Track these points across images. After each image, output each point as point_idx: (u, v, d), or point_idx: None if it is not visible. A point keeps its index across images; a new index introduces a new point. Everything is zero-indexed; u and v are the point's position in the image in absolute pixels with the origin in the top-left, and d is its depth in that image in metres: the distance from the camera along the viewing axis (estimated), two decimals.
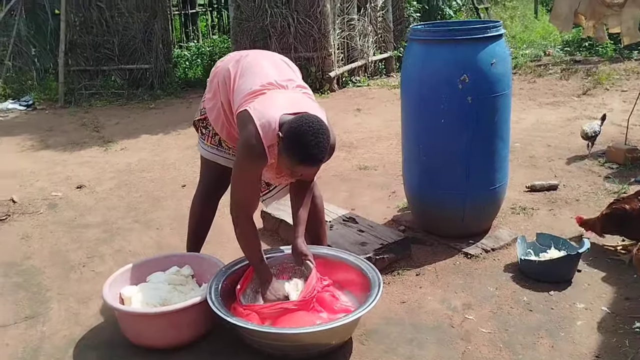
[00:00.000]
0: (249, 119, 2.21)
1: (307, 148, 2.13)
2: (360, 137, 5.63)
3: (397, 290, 2.77)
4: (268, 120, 2.18)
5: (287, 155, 2.18)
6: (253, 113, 2.21)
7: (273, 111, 2.21)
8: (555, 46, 10.16)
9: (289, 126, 2.15)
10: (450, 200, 3.11)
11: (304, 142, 2.12)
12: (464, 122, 2.96)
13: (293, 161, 2.18)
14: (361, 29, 8.55)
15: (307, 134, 2.12)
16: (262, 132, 2.17)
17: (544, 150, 4.83)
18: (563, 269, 2.75)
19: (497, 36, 2.96)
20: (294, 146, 2.14)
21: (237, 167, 2.30)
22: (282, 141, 2.16)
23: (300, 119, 2.16)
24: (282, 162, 2.25)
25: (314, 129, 2.13)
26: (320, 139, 2.14)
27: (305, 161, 2.17)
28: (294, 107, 2.25)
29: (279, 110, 2.22)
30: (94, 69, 8.46)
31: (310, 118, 2.17)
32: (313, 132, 2.12)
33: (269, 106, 2.23)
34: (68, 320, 2.66)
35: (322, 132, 2.15)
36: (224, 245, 3.26)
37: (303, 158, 2.16)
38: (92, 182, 4.67)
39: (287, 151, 2.17)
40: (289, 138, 2.14)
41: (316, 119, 2.18)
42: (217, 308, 2.22)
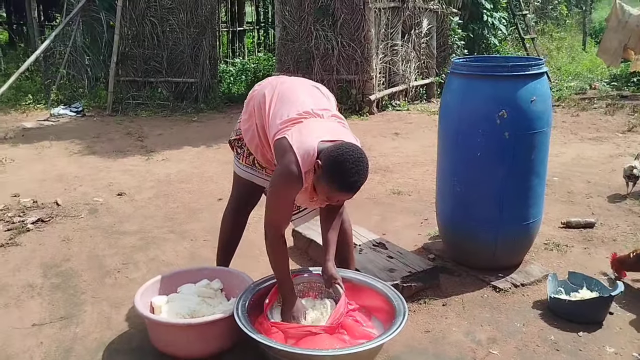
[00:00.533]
0: (289, 146, 2.27)
1: (347, 176, 2.18)
2: (396, 161, 5.65)
3: (422, 319, 2.77)
4: (306, 149, 2.25)
5: (326, 183, 2.23)
6: (292, 141, 2.28)
7: (311, 139, 2.27)
8: (602, 80, 9.98)
9: (329, 154, 2.21)
10: (483, 232, 3.10)
11: (344, 170, 2.17)
12: (500, 157, 2.96)
13: (332, 188, 2.23)
14: (404, 54, 8.61)
15: (348, 162, 2.17)
16: (301, 159, 2.23)
17: (583, 186, 4.74)
18: (594, 310, 2.70)
19: (539, 74, 2.96)
20: (334, 174, 2.19)
21: (274, 191, 2.36)
22: (321, 169, 2.22)
23: (340, 147, 2.22)
24: (319, 188, 2.30)
25: (354, 157, 2.19)
26: (360, 168, 2.20)
27: (345, 189, 2.23)
28: (331, 135, 2.31)
29: (317, 137, 2.28)
30: (142, 80, 8.78)
31: (350, 146, 2.22)
32: (354, 160, 2.18)
33: (307, 134, 2.30)
34: (100, 324, 2.76)
35: (361, 160, 2.21)
36: (256, 259, 3.32)
37: (342, 186, 2.21)
38: (132, 190, 4.83)
39: (327, 178, 2.22)
40: (329, 166, 2.20)
41: (356, 147, 2.24)
42: (243, 324, 2.27)
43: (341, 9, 7.78)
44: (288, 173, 2.26)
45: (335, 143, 2.26)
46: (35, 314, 2.85)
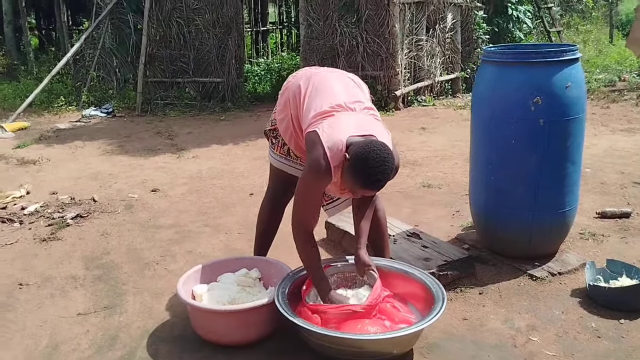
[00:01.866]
0: (318, 140, 2.31)
1: (371, 174, 2.21)
2: (424, 155, 5.64)
3: (459, 307, 2.78)
4: (335, 143, 2.28)
5: (351, 178, 2.27)
6: (322, 135, 2.31)
7: (341, 133, 2.30)
8: (631, 72, 9.80)
9: (356, 150, 2.23)
10: (517, 221, 3.09)
11: (369, 168, 2.20)
12: (535, 144, 2.95)
13: (356, 184, 2.27)
14: (429, 50, 8.59)
15: (373, 160, 2.19)
16: (330, 153, 2.26)
17: (617, 177, 4.68)
18: (635, 297, 2.67)
19: (573, 60, 2.94)
20: (359, 171, 2.22)
21: (302, 185, 2.41)
22: (347, 162, 2.25)
23: (367, 145, 2.23)
24: (345, 181, 2.34)
25: (380, 156, 2.20)
26: (385, 167, 2.22)
27: (369, 186, 2.26)
28: (361, 130, 2.34)
29: (347, 132, 2.31)
30: (169, 81, 8.92)
31: (378, 145, 2.24)
32: (379, 160, 2.20)
33: (337, 128, 2.33)
34: (142, 313, 2.83)
35: (387, 159, 2.22)
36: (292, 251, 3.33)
37: (366, 183, 2.24)
38: (166, 187, 4.92)
39: (351, 174, 2.25)
40: (355, 162, 2.22)
41: (383, 146, 2.25)
42: (284, 310, 2.31)
43: (366, 4, 7.79)
44: (317, 167, 2.29)
45: (365, 139, 2.28)
46: (80, 303, 2.93)
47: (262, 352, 2.45)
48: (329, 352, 2.30)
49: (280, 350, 2.47)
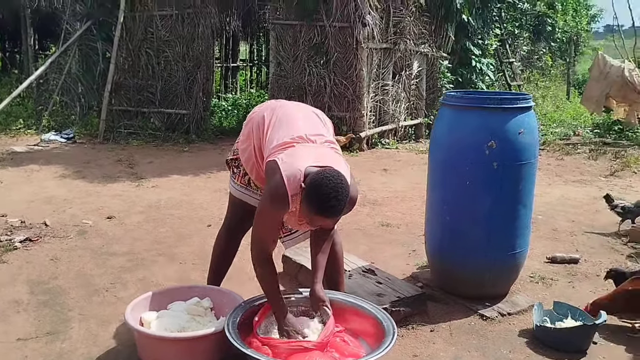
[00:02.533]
0: (277, 168, 2.34)
1: (325, 201, 2.24)
2: (385, 195, 5.73)
3: (410, 344, 2.79)
4: (293, 172, 2.31)
5: (306, 205, 2.29)
6: (281, 164, 2.34)
7: (299, 163, 2.34)
8: (585, 127, 10.27)
9: (311, 178, 2.28)
10: (470, 261, 3.15)
11: (323, 194, 2.23)
12: (489, 186, 3.05)
13: (311, 211, 2.29)
14: (394, 95, 8.83)
15: (327, 186, 2.23)
16: (287, 182, 2.30)
17: (567, 224, 4.84)
18: (578, 338, 2.75)
19: (527, 107, 3.08)
20: (313, 197, 2.25)
21: (260, 211, 2.43)
22: (303, 191, 2.28)
23: (322, 172, 2.28)
24: (302, 211, 2.36)
25: (334, 183, 2.24)
26: (339, 193, 2.25)
27: (322, 213, 2.28)
28: (320, 161, 2.38)
29: (305, 162, 2.35)
30: (134, 110, 8.86)
31: (332, 173, 2.29)
32: (333, 186, 2.24)
33: (296, 159, 2.37)
34: (87, 340, 2.73)
35: (341, 186, 2.26)
36: (244, 284, 3.32)
37: (320, 209, 2.27)
38: (122, 214, 4.83)
39: (307, 201, 2.28)
40: (309, 189, 2.26)
41: (337, 173, 2.30)
42: (234, 339, 2.28)
43: (335, 47, 7.99)
44: (274, 194, 2.32)
45: (320, 168, 2.33)
46: (20, 328, 2.82)
47: None
48: None
49: None
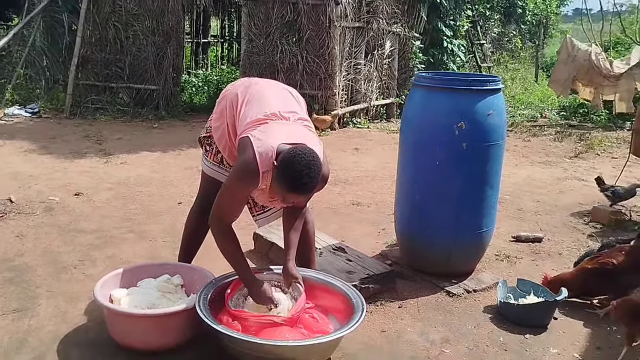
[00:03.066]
0: (249, 144, 2.34)
1: (297, 178, 2.25)
2: (355, 175, 5.77)
3: (379, 320, 2.85)
4: (266, 149, 2.31)
5: (278, 182, 2.30)
6: (253, 140, 2.34)
7: (272, 140, 2.34)
8: (552, 110, 10.47)
9: (283, 155, 2.28)
10: (439, 240, 3.22)
11: (295, 171, 2.24)
12: (458, 166, 3.10)
13: (284, 188, 2.30)
14: (366, 74, 8.82)
15: (299, 163, 2.24)
16: (259, 158, 2.30)
17: (532, 204, 4.97)
18: (540, 314, 2.85)
19: (496, 89, 3.14)
20: (286, 175, 2.26)
21: (228, 184, 2.42)
22: (275, 169, 2.29)
23: (294, 149, 2.29)
24: (274, 189, 2.37)
25: (306, 160, 2.26)
26: (311, 170, 2.26)
27: (295, 190, 2.29)
28: (292, 138, 2.38)
29: (278, 139, 2.35)
30: (102, 85, 8.64)
31: (304, 150, 2.29)
32: (305, 163, 2.25)
33: (268, 135, 2.37)
34: (55, 317, 2.71)
35: (313, 163, 2.27)
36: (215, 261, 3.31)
37: (293, 187, 2.28)
38: (90, 191, 4.75)
39: (279, 178, 2.29)
40: (281, 167, 2.27)
41: (310, 151, 2.31)
42: (204, 315, 2.29)
43: (307, 25, 7.92)
44: (245, 169, 2.32)
45: (293, 146, 2.33)
46: None
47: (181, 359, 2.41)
48: (248, 358, 2.30)
49: (199, 356, 2.44)
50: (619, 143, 7.77)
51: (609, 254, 3.05)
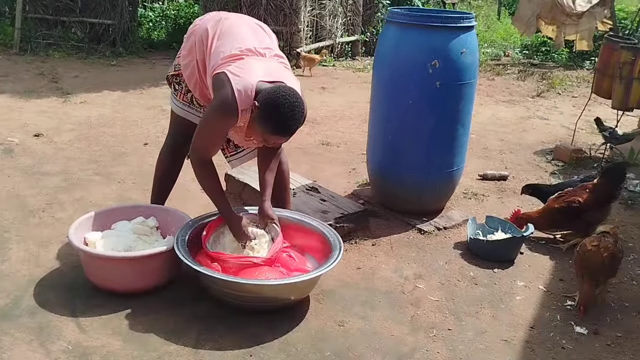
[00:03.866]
0: (226, 80, 2.26)
1: (282, 120, 2.21)
2: (323, 114, 5.73)
3: (354, 258, 2.92)
4: (245, 86, 2.24)
5: (261, 124, 2.25)
6: (231, 76, 2.26)
7: (250, 77, 2.27)
8: (514, 48, 10.53)
9: (265, 96, 2.21)
10: (410, 178, 3.27)
11: (279, 113, 2.19)
12: (431, 105, 3.11)
13: (267, 130, 2.26)
14: (331, 9, 8.61)
15: (284, 105, 2.19)
16: (238, 95, 2.23)
17: (498, 143, 5.08)
18: (507, 249, 2.97)
19: (470, 27, 3.11)
20: (270, 117, 2.21)
21: (206, 120, 2.35)
22: (257, 110, 2.23)
23: (277, 90, 2.22)
24: (254, 129, 2.32)
25: (290, 101, 2.21)
26: (296, 112, 2.22)
27: (279, 132, 2.26)
28: (271, 76, 2.32)
29: (256, 76, 2.28)
30: (53, 19, 8.18)
31: (287, 90, 2.24)
32: (289, 105, 2.20)
33: (246, 71, 2.29)
34: (28, 261, 2.66)
35: (297, 104, 2.23)
36: (187, 202, 3.30)
37: (277, 129, 2.24)
38: (50, 132, 4.58)
39: (262, 120, 2.24)
40: (265, 108, 2.21)
41: (293, 91, 2.26)
42: (184, 256, 2.29)
43: None
44: (223, 105, 2.25)
45: (274, 85, 2.27)
46: None
47: (160, 300, 2.42)
48: (228, 298, 2.33)
49: (178, 298, 2.45)
50: (579, 82, 7.94)
51: (573, 192, 3.16)
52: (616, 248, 2.57)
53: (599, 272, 2.49)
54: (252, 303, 2.35)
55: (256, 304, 2.36)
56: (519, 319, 2.48)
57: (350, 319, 2.40)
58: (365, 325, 2.37)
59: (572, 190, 3.16)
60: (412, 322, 2.41)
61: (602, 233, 2.67)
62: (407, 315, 2.46)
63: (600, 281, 2.51)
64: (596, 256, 2.50)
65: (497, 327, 2.41)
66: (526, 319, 2.48)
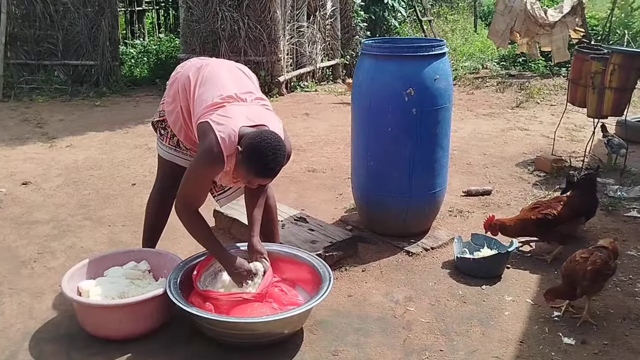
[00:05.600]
0: (210, 130, 2.34)
1: (264, 163, 2.29)
2: (308, 140, 5.82)
3: (345, 285, 2.97)
4: (228, 133, 2.32)
5: (245, 168, 2.33)
6: (214, 125, 2.34)
7: (233, 123, 2.35)
8: (492, 60, 10.73)
9: (248, 141, 2.30)
10: (394, 202, 3.34)
11: (262, 157, 2.28)
12: (409, 131, 3.20)
13: (250, 174, 2.34)
14: (310, 36, 8.76)
15: (266, 149, 2.27)
16: (222, 142, 2.31)
17: (480, 158, 5.18)
18: (494, 266, 3.04)
19: (441, 54, 3.22)
20: (253, 161, 2.29)
21: (193, 169, 2.43)
22: (241, 154, 2.31)
23: (259, 134, 2.31)
24: (240, 172, 2.40)
25: (272, 145, 2.29)
26: (277, 155, 2.30)
27: (263, 175, 2.34)
28: (253, 120, 2.40)
29: (239, 122, 2.36)
30: (35, 63, 8.25)
31: (268, 134, 2.32)
32: (271, 149, 2.28)
33: (229, 118, 2.37)
34: (22, 314, 2.69)
35: (279, 147, 2.32)
36: (178, 242, 3.35)
37: (261, 172, 2.33)
38: (38, 179, 4.62)
39: (245, 164, 2.32)
40: (248, 152, 2.29)
41: (274, 135, 2.34)
42: (176, 299, 2.34)
43: None
44: (210, 154, 2.32)
45: (256, 130, 2.35)
46: None
47: (155, 343, 2.46)
48: (223, 337, 2.37)
49: (173, 339, 2.49)
50: (557, 90, 8.10)
51: (548, 204, 3.24)
52: (605, 265, 2.59)
53: (578, 284, 2.55)
54: (247, 340, 2.39)
55: (251, 341, 2.40)
56: (508, 334, 2.53)
57: (344, 348, 2.44)
58: (359, 353, 2.41)
59: (546, 202, 3.25)
60: (404, 346, 2.46)
61: (599, 247, 2.72)
62: (399, 339, 2.51)
63: (578, 293, 2.56)
64: (580, 268, 2.57)
65: (488, 344, 2.47)
66: (515, 333, 2.54)
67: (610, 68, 4.38)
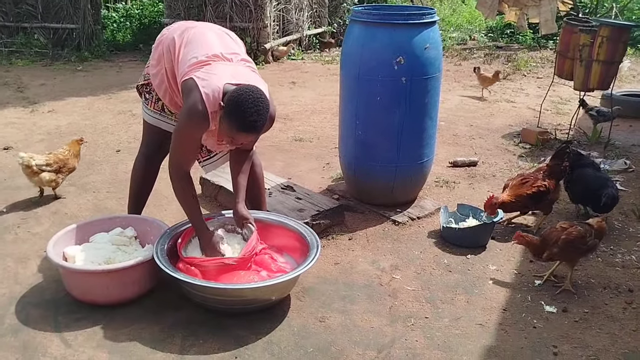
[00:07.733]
0: (194, 86, 2.31)
1: (246, 116, 2.26)
2: (295, 109, 5.77)
3: (331, 253, 2.99)
4: (212, 89, 2.29)
5: (227, 123, 2.30)
6: (198, 81, 2.31)
7: (217, 80, 2.32)
8: (480, 31, 10.68)
9: (230, 95, 2.28)
10: (382, 171, 3.35)
11: (243, 110, 2.25)
12: (398, 100, 3.18)
13: (233, 128, 2.31)
14: (297, 3, 8.62)
15: (247, 102, 2.25)
16: (206, 98, 2.28)
17: (466, 129, 5.19)
18: (479, 235, 3.07)
19: (432, 22, 3.19)
20: (234, 114, 2.26)
21: (179, 129, 2.40)
22: (223, 109, 2.28)
23: (241, 89, 2.29)
24: (222, 129, 2.37)
25: (253, 98, 2.26)
26: (259, 108, 2.28)
27: (244, 129, 2.30)
28: (237, 79, 2.37)
29: (223, 79, 2.33)
30: (14, 25, 8.05)
31: (251, 88, 2.30)
32: (252, 101, 2.26)
33: (214, 76, 2.34)
34: (7, 280, 2.67)
35: (261, 101, 2.29)
36: (164, 208, 3.34)
37: (242, 125, 2.29)
38: (20, 144, 4.54)
39: (227, 118, 2.29)
40: (229, 106, 2.26)
41: (256, 89, 2.31)
42: (164, 265, 2.33)
43: None
44: (194, 112, 2.30)
45: (239, 85, 2.33)
46: None
47: (142, 309, 2.46)
48: (211, 303, 2.38)
49: (160, 306, 2.49)
50: (543, 63, 8.11)
51: (535, 177, 3.26)
52: (579, 239, 2.63)
53: (548, 248, 2.62)
54: (235, 306, 2.40)
55: (239, 307, 2.41)
56: (492, 303, 2.58)
57: (331, 314, 2.47)
58: (346, 319, 2.44)
59: (532, 175, 3.28)
60: (390, 313, 2.49)
61: (583, 222, 2.79)
62: (385, 306, 2.54)
63: (545, 256, 2.64)
64: (555, 234, 2.64)
65: (472, 312, 2.51)
66: (499, 301, 2.59)
67: (598, 40, 4.38)
